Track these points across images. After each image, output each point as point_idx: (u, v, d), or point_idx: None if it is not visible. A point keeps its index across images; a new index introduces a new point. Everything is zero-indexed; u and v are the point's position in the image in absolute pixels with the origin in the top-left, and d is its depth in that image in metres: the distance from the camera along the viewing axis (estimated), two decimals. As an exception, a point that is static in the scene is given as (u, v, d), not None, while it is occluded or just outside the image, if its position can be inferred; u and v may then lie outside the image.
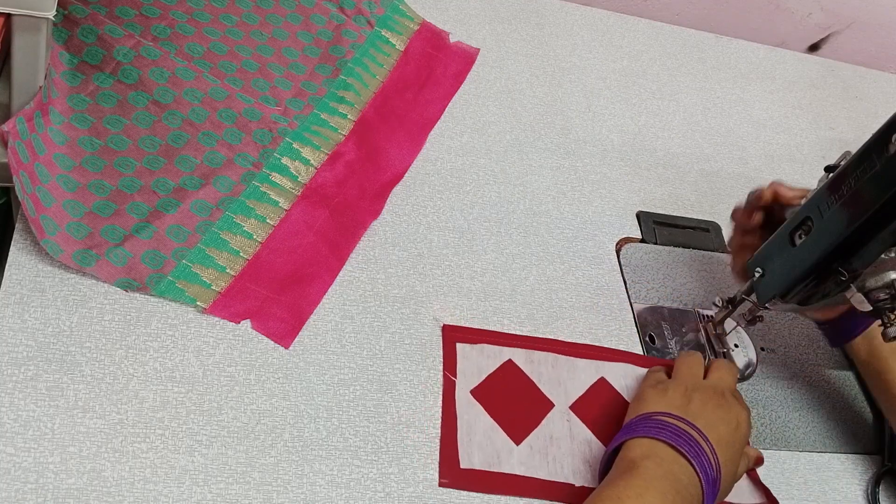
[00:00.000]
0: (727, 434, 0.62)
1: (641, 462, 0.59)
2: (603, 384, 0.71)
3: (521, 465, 0.64)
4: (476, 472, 0.63)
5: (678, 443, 0.59)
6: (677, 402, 0.64)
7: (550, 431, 0.67)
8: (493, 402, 0.67)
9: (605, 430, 0.68)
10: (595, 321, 0.75)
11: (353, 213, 0.74)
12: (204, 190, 0.69)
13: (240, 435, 0.59)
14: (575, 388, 0.70)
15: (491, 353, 0.69)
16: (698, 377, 0.67)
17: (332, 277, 0.70)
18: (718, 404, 0.64)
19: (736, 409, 0.64)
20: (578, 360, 0.71)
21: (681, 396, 0.64)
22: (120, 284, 0.63)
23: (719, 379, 0.67)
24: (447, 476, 0.62)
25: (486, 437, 0.65)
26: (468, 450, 0.64)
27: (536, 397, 0.68)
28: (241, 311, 0.65)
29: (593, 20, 1.03)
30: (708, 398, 0.64)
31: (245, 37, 0.80)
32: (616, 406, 0.69)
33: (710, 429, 0.61)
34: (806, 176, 0.97)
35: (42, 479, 0.54)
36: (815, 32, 1.18)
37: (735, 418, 0.63)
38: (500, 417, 0.66)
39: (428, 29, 0.91)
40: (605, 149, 0.90)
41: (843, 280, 0.64)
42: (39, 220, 0.61)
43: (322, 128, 0.77)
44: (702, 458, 0.59)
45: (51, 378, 0.58)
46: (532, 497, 0.63)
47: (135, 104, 0.71)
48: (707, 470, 0.59)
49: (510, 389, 0.68)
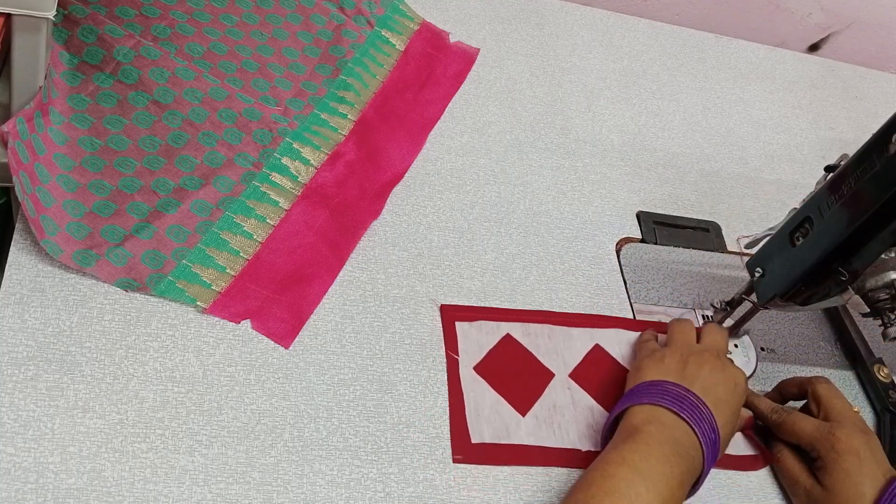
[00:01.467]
0: (725, 394, 0.64)
1: (644, 427, 0.60)
2: (598, 350, 0.73)
3: (529, 435, 0.66)
4: (487, 446, 0.65)
5: (679, 408, 0.61)
6: (674, 368, 0.65)
7: (553, 400, 0.69)
8: (496, 376, 0.68)
9: (605, 395, 0.70)
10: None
11: (353, 213, 0.74)
12: (204, 190, 0.69)
13: (240, 435, 0.59)
14: (572, 357, 0.72)
15: (489, 329, 0.71)
16: (692, 342, 0.69)
17: (333, 277, 0.70)
18: (714, 367, 0.65)
19: (732, 369, 0.67)
20: (573, 329, 0.74)
21: (677, 363, 0.66)
22: (120, 284, 0.63)
23: (713, 342, 0.69)
24: (460, 452, 0.63)
25: (494, 411, 0.66)
26: (477, 425, 0.65)
27: (537, 369, 0.70)
28: (241, 311, 0.65)
29: (593, 20, 1.03)
30: (704, 361, 0.66)
31: (245, 37, 0.80)
32: (613, 371, 0.72)
33: (708, 391, 0.63)
34: (806, 176, 0.97)
35: (42, 479, 0.54)
36: (815, 32, 1.18)
37: (732, 379, 0.66)
38: (505, 391, 0.68)
39: (428, 29, 0.91)
40: (605, 149, 0.90)
41: (843, 280, 0.64)
42: (39, 221, 0.61)
43: (322, 128, 0.77)
44: (702, 424, 0.61)
45: (51, 378, 0.58)
46: (543, 465, 0.65)
47: (135, 104, 0.71)
48: (707, 433, 0.61)
49: (511, 363, 0.70)
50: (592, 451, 0.67)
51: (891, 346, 0.83)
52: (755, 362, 0.78)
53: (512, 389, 0.68)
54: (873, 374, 0.79)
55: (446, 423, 0.65)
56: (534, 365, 0.70)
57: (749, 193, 0.93)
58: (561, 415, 0.68)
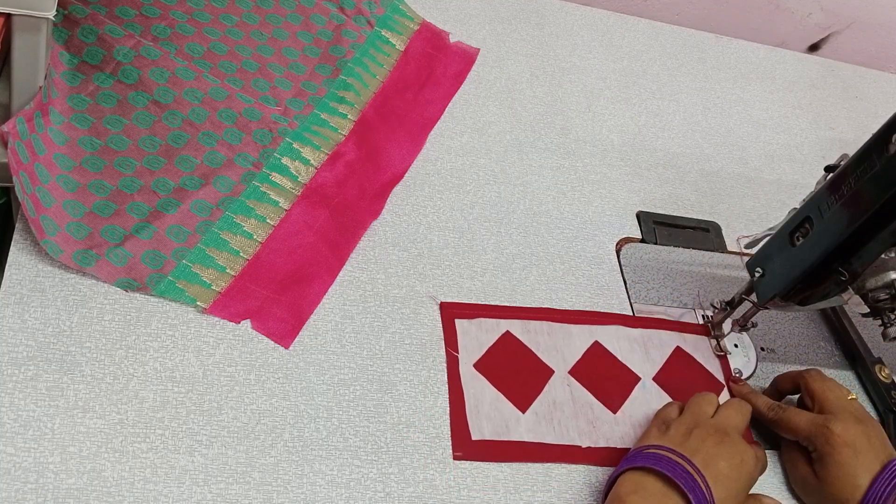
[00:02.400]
0: (727, 469, 0.61)
1: (627, 497, 0.59)
2: (598, 347, 0.73)
3: (528, 432, 0.66)
4: (487, 443, 0.65)
5: (673, 473, 0.59)
6: (677, 438, 0.63)
7: (553, 397, 0.69)
8: (496, 373, 0.69)
9: (604, 392, 0.71)
10: (595, 321, 0.75)
11: (353, 213, 0.74)
12: (204, 190, 0.69)
13: (240, 435, 0.59)
14: (571, 354, 0.72)
15: (488, 326, 0.71)
16: (705, 415, 0.66)
17: (333, 277, 0.70)
18: (720, 441, 0.63)
19: (741, 446, 0.63)
20: (572, 326, 0.74)
21: (682, 434, 0.64)
22: (120, 284, 0.63)
23: (726, 417, 0.66)
24: (460, 449, 0.64)
25: (493, 407, 0.67)
26: (477, 422, 0.65)
27: (536, 365, 0.70)
28: (241, 311, 0.65)
29: (593, 20, 1.03)
30: (708, 434, 0.63)
31: (245, 37, 0.80)
32: (611, 367, 0.73)
33: (708, 464, 0.61)
34: (806, 176, 0.97)
35: (42, 479, 0.54)
36: (815, 32, 1.18)
37: (739, 455, 0.63)
38: (505, 388, 0.68)
39: (428, 29, 0.91)
40: (605, 149, 0.90)
41: (843, 280, 0.64)
42: (39, 221, 0.61)
43: (322, 128, 0.77)
44: (696, 491, 0.59)
45: (51, 378, 0.58)
46: (543, 461, 0.65)
47: (135, 104, 0.71)
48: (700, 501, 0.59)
49: (511, 360, 0.70)
50: (592, 447, 0.67)
51: (890, 346, 0.83)
52: (755, 362, 0.78)
53: (512, 386, 0.68)
54: (874, 375, 0.79)
55: (446, 423, 0.65)
56: (533, 362, 0.70)
57: (749, 193, 0.93)
58: (560, 411, 0.68)
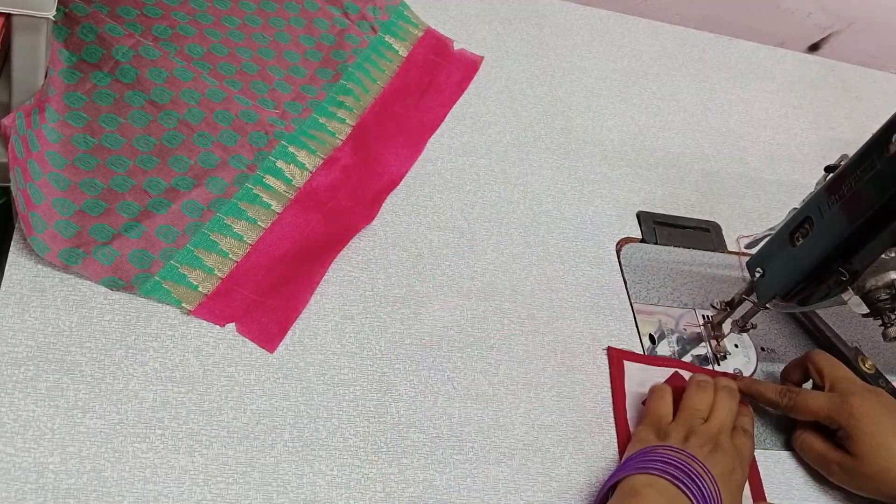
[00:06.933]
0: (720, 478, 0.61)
1: (643, 489, 0.59)
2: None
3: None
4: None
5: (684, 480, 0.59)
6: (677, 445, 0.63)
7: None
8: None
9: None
10: (595, 321, 0.75)
11: (346, 219, 0.73)
12: (196, 191, 0.68)
13: (240, 435, 0.59)
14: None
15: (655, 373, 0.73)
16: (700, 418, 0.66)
17: (318, 281, 0.68)
18: (712, 450, 0.63)
19: (730, 453, 0.64)
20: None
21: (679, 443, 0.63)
22: (106, 283, 0.63)
23: (716, 420, 0.66)
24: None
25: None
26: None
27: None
28: (226, 313, 0.64)
29: (593, 20, 1.03)
30: (703, 443, 0.63)
31: (247, 39, 0.80)
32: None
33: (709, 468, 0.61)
34: (806, 176, 0.97)
35: (42, 479, 0.54)
36: (815, 32, 1.18)
37: (730, 463, 0.63)
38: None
39: (432, 36, 0.90)
40: (605, 149, 0.90)
41: (844, 280, 0.64)
42: (28, 217, 0.61)
43: (319, 132, 0.77)
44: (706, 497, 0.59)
45: (51, 378, 0.58)
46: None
47: (131, 103, 0.71)
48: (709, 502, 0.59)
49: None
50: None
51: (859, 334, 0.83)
52: (755, 362, 0.78)
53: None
54: (860, 368, 0.78)
55: (446, 423, 0.65)
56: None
57: (749, 193, 0.93)
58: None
